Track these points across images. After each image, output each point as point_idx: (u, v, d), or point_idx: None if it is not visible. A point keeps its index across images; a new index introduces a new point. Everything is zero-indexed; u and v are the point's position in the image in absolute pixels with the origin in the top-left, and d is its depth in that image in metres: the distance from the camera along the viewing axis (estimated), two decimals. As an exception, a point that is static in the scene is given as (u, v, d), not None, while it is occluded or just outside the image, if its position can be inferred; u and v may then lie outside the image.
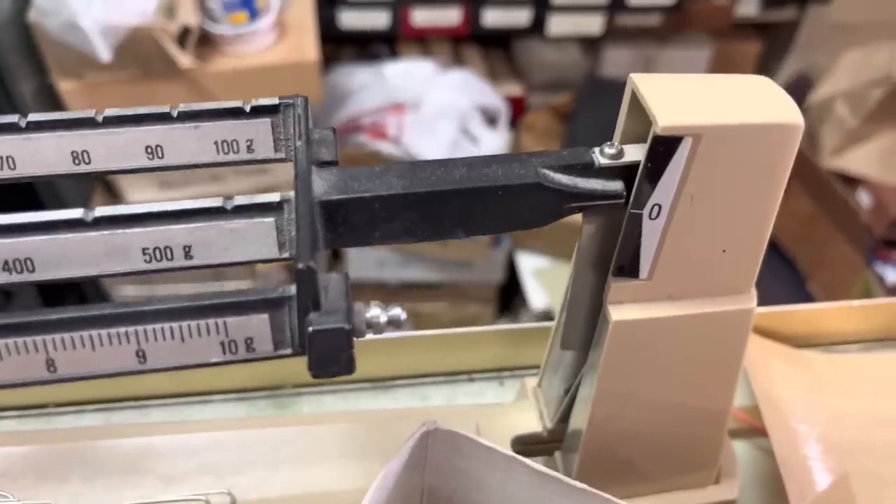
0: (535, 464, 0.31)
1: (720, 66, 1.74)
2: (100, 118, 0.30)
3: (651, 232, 0.30)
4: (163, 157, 0.31)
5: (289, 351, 0.26)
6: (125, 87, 1.22)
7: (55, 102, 1.24)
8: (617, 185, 0.30)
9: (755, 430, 0.47)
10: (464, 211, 0.29)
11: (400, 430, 0.42)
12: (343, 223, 0.28)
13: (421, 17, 1.60)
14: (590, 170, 0.30)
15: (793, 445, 0.43)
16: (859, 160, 1.43)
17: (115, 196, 1.38)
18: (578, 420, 0.38)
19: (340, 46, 1.72)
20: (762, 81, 0.30)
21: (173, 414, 0.46)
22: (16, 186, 0.31)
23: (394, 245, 0.30)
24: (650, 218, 0.30)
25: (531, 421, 0.43)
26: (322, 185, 0.28)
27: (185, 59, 1.19)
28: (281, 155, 0.32)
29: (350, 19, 1.58)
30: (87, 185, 1.37)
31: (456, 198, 0.28)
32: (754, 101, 0.29)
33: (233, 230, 0.27)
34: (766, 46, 1.78)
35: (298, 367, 0.48)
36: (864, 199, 1.42)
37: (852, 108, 1.42)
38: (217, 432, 0.42)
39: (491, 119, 1.60)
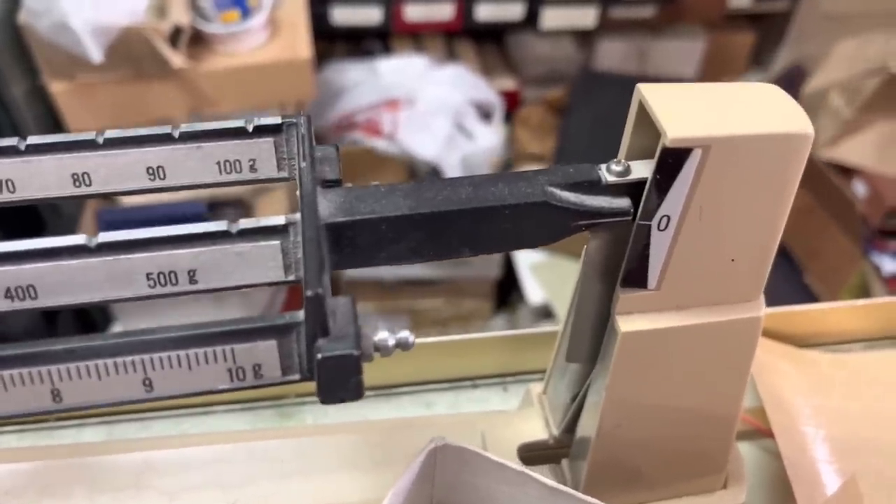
0: (546, 478, 0.30)
1: (714, 57, 1.74)
2: (100, 140, 0.30)
3: (660, 243, 0.30)
4: (164, 177, 0.30)
5: (297, 377, 0.26)
6: (117, 88, 1.21)
7: (46, 104, 1.23)
8: (624, 203, 0.29)
9: (761, 432, 0.47)
10: (470, 231, 0.29)
11: (406, 440, 0.42)
12: (349, 245, 0.28)
13: (414, 12, 1.59)
14: (596, 187, 0.29)
15: (800, 448, 0.43)
16: (854, 151, 1.43)
17: (110, 200, 1.38)
18: (586, 428, 0.38)
19: (333, 43, 1.71)
20: (770, 90, 0.30)
21: (175, 426, 0.46)
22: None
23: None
24: (659, 229, 0.30)
25: (537, 429, 0.43)
26: (328, 206, 0.28)
27: (177, 59, 1.18)
28: (284, 174, 0.31)
29: (342, 15, 1.57)
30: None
31: (462, 218, 0.28)
32: (763, 110, 0.28)
33: (238, 254, 0.27)
34: (759, 37, 1.77)
35: (301, 376, 0.48)
36: (859, 189, 1.42)
37: (847, 98, 1.42)
38: (221, 445, 0.41)
39: (485, 114, 1.60)
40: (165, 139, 0.30)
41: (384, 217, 0.27)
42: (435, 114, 1.50)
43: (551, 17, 1.61)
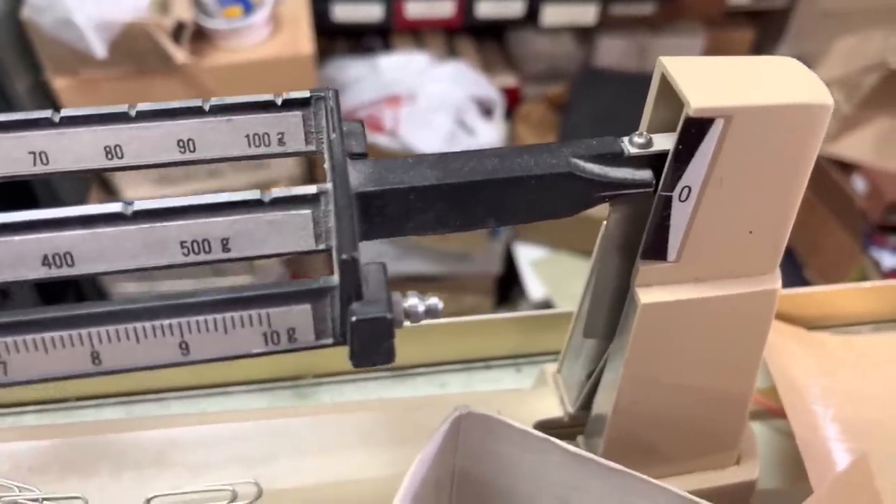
0: (569, 445, 0.31)
1: (713, 54, 1.74)
2: (133, 112, 0.30)
3: (680, 214, 0.31)
4: (195, 150, 0.31)
5: (330, 340, 0.26)
6: (120, 84, 1.21)
7: (49, 99, 1.23)
8: (646, 174, 0.30)
9: (772, 412, 0.48)
10: (496, 201, 0.29)
11: (422, 418, 0.43)
12: (378, 214, 0.28)
13: (414, 9, 1.60)
14: (619, 159, 0.30)
15: (812, 427, 0.44)
16: (854, 146, 1.44)
17: (111, 192, 1.38)
18: (603, 404, 0.39)
19: (334, 39, 1.71)
20: (790, 63, 0.30)
21: (193, 406, 0.46)
22: (12, 184, 0.31)
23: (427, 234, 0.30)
24: (680, 200, 0.30)
25: (552, 406, 0.43)
26: (357, 176, 0.28)
27: (180, 55, 1.19)
28: (312, 147, 0.32)
29: (343, 12, 1.58)
30: (84, 182, 1.37)
31: (489, 188, 0.29)
32: (783, 81, 0.29)
33: (270, 222, 0.27)
34: (758, 34, 1.78)
35: (318, 357, 0.48)
36: (859, 184, 1.43)
37: (846, 94, 1.43)
38: (241, 423, 0.42)
39: (486, 110, 1.60)
40: (196, 112, 0.30)
41: (413, 187, 0.28)
42: (436, 110, 1.50)
43: (551, 14, 1.62)
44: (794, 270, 1.56)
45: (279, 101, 0.31)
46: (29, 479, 0.38)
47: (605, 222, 0.34)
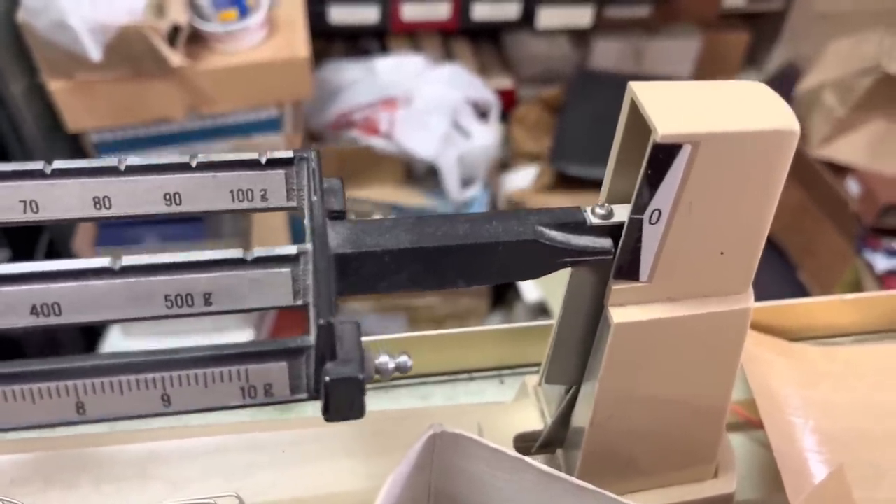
0: (542, 465, 0.31)
1: (709, 56, 1.75)
2: (122, 166, 0.31)
3: (651, 236, 0.31)
4: (180, 203, 0.32)
5: (304, 396, 0.28)
6: (115, 86, 1.21)
7: (45, 102, 1.23)
8: (606, 243, 0.32)
9: (751, 423, 0.48)
10: (466, 264, 0.31)
11: (403, 430, 0.43)
12: (354, 274, 0.30)
13: (410, 12, 1.60)
14: (581, 227, 0.32)
15: (789, 438, 0.44)
16: (848, 149, 1.45)
17: (126, 219, 1.38)
18: (580, 419, 0.39)
19: (330, 42, 1.72)
20: (758, 88, 0.31)
21: (174, 419, 0.47)
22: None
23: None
24: (650, 223, 0.31)
25: (532, 419, 0.44)
26: (336, 238, 0.29)
27: (175, 58, 1.19)
28: (293, 204, 0.33)
29: (339, 14, 1.58)
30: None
31: (460, 252, 0.30)
32: (751, 107, 0.29)
33: (252, 280, 0.28)
34: (753, 36, 1.78)
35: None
36: (852, 187, 1.43)
37: (841, 97, 1.43)
38: (223, 436, 0.42)
39: (482, 113, 1.61)
40: (184, 168, 0.32)
41: (388, 250, 0.30)
42: (432, 112, 1.50)
43: (547, 17, 1.62)
44: (788, 273, 1.57)
45: (263, 160, 0.32)
46: (11, 491, 0.39)
47: (568, 280, 0.35)
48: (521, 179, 1.63)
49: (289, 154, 0.32)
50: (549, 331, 0.44)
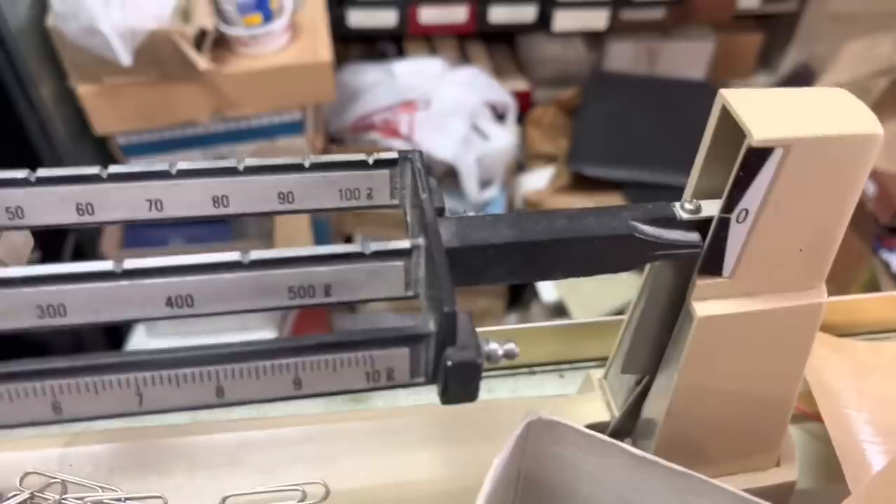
0: (632, 448, 0.33)
1: (723, 57, 1.77)
2: (241, 167, 0.33)
3: (737, 234, 0.33)
4: (293, 202, 0.34)
5: (422, 380, 0.30)
6: (143, 90, 1.23)
7: (74, 105, 1.25)
8: (694, 236, 0.34)
9: (806, 416, 0.50)
10: (564, 257, 0.33)
11: (472, 421, 0.45)
12: (460, 266, 0.31)
13: (428, 15, 1.62)
14: (672, 222, 0.34)
15: (846, 429, 0.46)
16: (863, 150, 1.46)
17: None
18: (654, 410, 0.41)
19: (347, 46, 1.74)
20: (841, 94, 0.32)
21: (253, 410, 0.48)
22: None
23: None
24: (737, 221, 0.32)
25: (599, 411, 0.45)
26: (444, 233, 0.31)
27: (202, 62, 1.20)
28: (395, 202, 0.35)
29: (358, 18, 1.60)
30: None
31: (558, 246, 0.32)
32: (836, 112, 0.31)
33: (368, 272, 0.30)
34: (767, 38, 1.80)
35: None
36: (868, 187, 1.45)
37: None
38: (306, 426, 0.44)
39: (500, 114, 1.63)
40: (297, 168, 0.34)
41: (492, 244, 0.31)
42: (451, 115, 1.52)
43: (563, 19, 1.64)
44: (804, 272, 1.58)
45: (371, 161, 0.34)
46: (111, 479, 0.40)
47: (647, 271, 0.37)
48: (538, 180, 1.64)
49: (394, 155, 0.34)
50: (607, 328, 0.46)
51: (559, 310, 1.56)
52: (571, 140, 1.62)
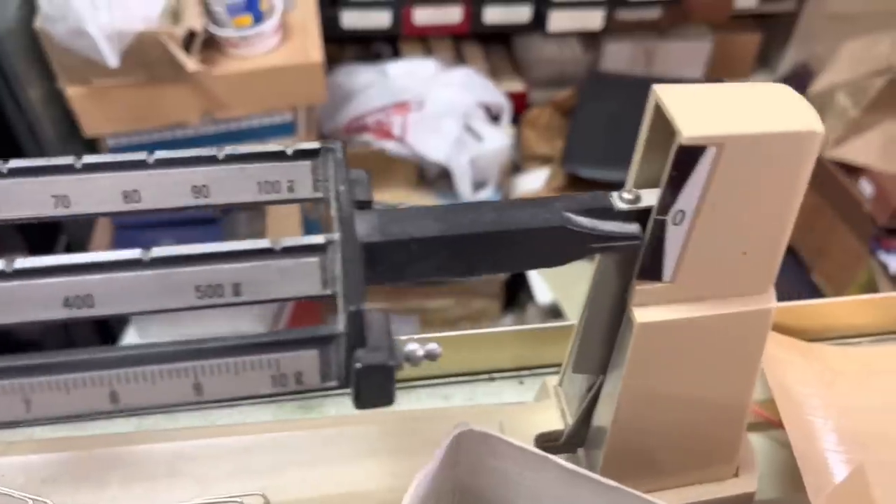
0: (566, 462, 0.32)
1: (720, 58, 1.75)
2: (151, 160, 0.32)
3: (675, 237, 0.31)
4: (208, 195, 0.32)
5: (335, 383, 0.28)
6: (132, 92, 1.22)
7: (63, 107, 1.25)
8: (633, 227, 0.32)
9: (771, 424, 0.48)
10: (493, 251, 0.31)
11: (426, 430, 0.44)
12: (382, 262, 0.30)
13: (422, 16, 1.61)
14: (609, 213, 0.32)
15: (809, 438, 0.44)
16: (861, 150, 1.44)
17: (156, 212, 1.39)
18: (603, 417, 0.39)
19: (343, 46, 1.73)
20: (781, 89, 0.31)
21: (201, 418, 0.47)
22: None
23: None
24: (674, 223, 0.31)
25: (553, 419, 0.44)
26: (364, 227, 0.30)
27: (191, 63, 1.20)
28: (319, 194, 0.33)
29: (352, 19, 1.59)
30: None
31: (487, 239, 0.30)
32: (774, 109, 0.30)
33: (280, 269, 0.29)
34: (765, 37, 1.78)
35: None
36: (866, 188, 1.43)
37: (853, 98, 1.43)
38: (249, 436, 0.43)
39: (494, 116, 1.61)
40: (211, 160, 0.32)
41: (415, 238, 0.30)
42: (444, 116, 1.51)
43: (558, 20, 1.62)
44: (801, 274, 1.56)
45: (290, 152, 0.33)
46: (42, 490, 0.39)
47: (595, 266, 0.35)
48: (533, 182, 1.63)
49: (315, 145, 0.33)
50: (568, 332, 0.45)
51: (554, 311, 1.54)
52: (567, 141, 1.61)
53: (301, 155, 0.33)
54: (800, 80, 1.63)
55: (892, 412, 0.48)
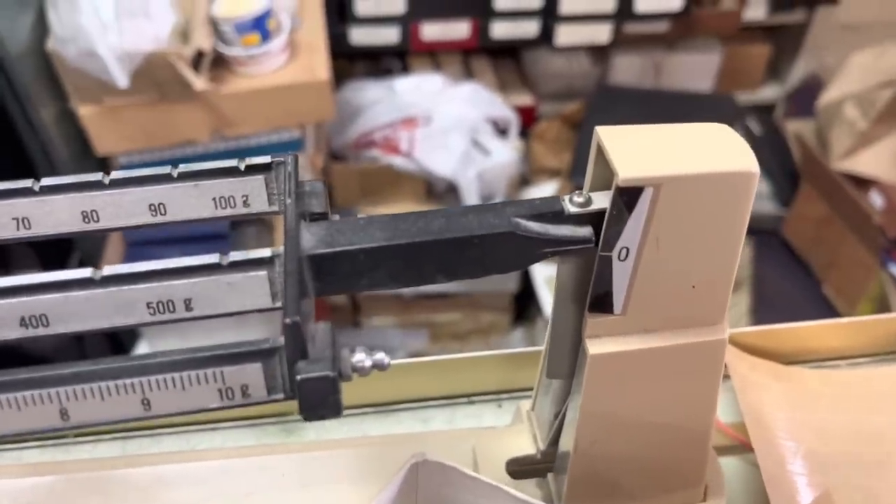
0: (518, 492, 0.33)
1: (730, 69, 1.75)
2: (107, 180, 0.32)
3: (622, 272, 0.32)
4: (165, 213, 0.33)
5: (281, 396, 0.28)
6: (142, 111, 1.25)
7: (75, 126, 1.27)
8: (586, 231, 0.32)
9: (745, 446, 0.49)
10: (443, 259, 0.31)
11: (400, 455, 0.44)
12: (330, 273, 0.30)
13: (430, 32, 1.62)
14: (560, 217, 0.32)
15: (779, 462, 0.45)
16: (870, 162, 1.44)
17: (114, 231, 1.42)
18: (566, 443, 0.40)
19: (352, 62, 1.75)
20: (721, 129, 0.32)
21: (184, 441, 0.49)
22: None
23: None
24: (619, 259, 0.32)
25: (525, 443, 0.45)
26: (311, 239, 0.30)
27: (199, 82, 1.22)
28: (275, 208, 0.34)
29: (360, 35, 1.61)
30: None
31: (436, 247, 0.31)
32: (712, 149, 0.31)
33: (229, 283, 0.29)
34: (775, 49, 1.78)
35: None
36: (876, 200, 1.42)
37: (862, 109, 1.42)
38: (226, 460, 0.44)
39: (502, 130, 1.62)
40: (166, 178, 0.33)
41: (361, 248, 0.30)
42: (451, 131, 1.52)
43: (566, 34, 1.63)
44: (812, 287, 1.56)
45: (242, 167, 0.33)
46: (26, 514, 0.41)
47: (556, 272, 0.36)
48: (542, 195, 1.63)
49: (266, 159, 0.33)
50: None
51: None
52: (575, 154, 1.61)
53: (253, 170, 0.33)
54: (810, 90, 1.62)
55: (866, 436, 0.48)
